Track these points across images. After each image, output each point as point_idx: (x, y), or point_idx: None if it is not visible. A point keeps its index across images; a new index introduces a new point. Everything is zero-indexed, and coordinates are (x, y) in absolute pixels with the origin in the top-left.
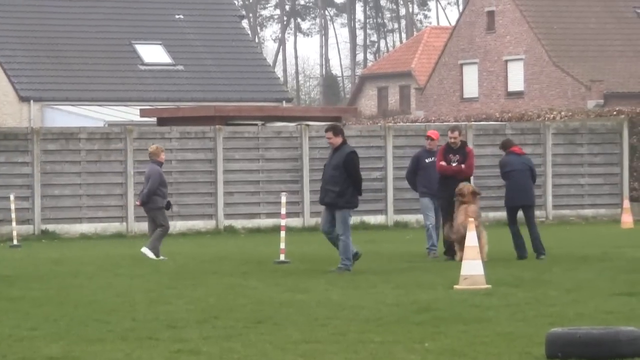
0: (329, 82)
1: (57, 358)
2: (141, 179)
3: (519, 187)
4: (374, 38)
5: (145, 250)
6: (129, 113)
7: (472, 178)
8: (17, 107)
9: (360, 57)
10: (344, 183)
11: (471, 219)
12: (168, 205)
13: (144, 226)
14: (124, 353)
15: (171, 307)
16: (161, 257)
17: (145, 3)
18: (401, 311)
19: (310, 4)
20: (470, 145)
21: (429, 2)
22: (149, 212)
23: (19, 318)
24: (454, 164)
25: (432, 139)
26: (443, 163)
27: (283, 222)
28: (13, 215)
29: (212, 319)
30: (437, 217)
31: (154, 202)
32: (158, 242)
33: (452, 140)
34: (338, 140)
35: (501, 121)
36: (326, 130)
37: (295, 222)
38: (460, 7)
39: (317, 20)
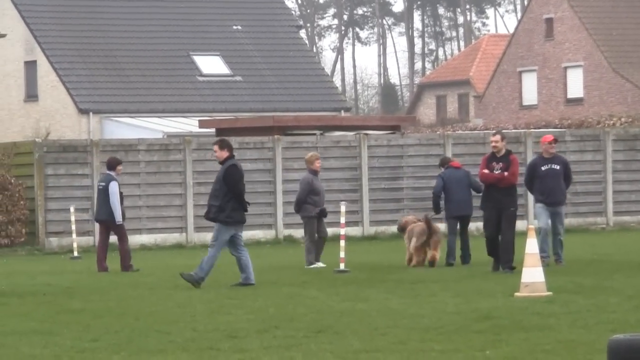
0: (387, 91)
1: None
2: (200, 189)
3: (458, 200)
4: (432, 46)
5: (309, 266)
6: (188, 124)
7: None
8: (76, 119)
9: (418, 65)
10: (224, 197)
11: (531, 226)
12: (322, 213)
13: (203, 237)
14: None
15: (231, 318)
16: (318, 265)
17: (203, 15)
18: (461, 319)
19: (368, 14)
20: (530, 153)
21: (487, 10)
22: (303, 220)
23: (80, 330)
24: (496, 172)
25: (548, 143)
26: (486, 171)
27: (342, 231)
28: (73, 227)
29: (273, 328)
30: (554, 223)
31: (305, 210)
32: (308, 253)
33: (493, 145)
34: (223, 154)
35: (561, 128)
36: (213, 144)
37: (354, 231)
38: (519, 15)
39: (375, 29)
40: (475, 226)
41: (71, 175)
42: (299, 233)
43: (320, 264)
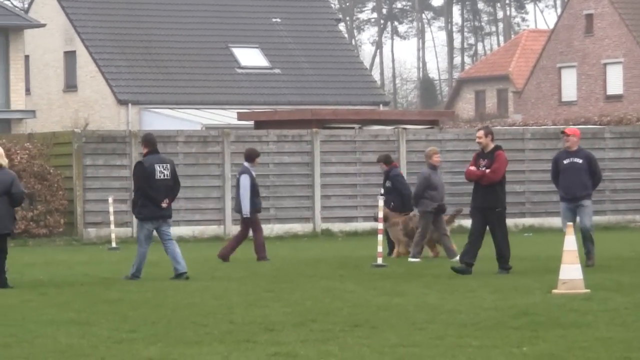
0: (426, 86)
1: None
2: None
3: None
4: (472, 41)
5: (412, 259)
6: (226, 116)
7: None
8: (115, 110)
9: (457, 60)
10: (135, 193)
11: (569, 223)
12: (441, 209)
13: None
14: (221, 356)
15: (268, 310)
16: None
17: (242, 7)
18: (499, 315)
19: (408, 7)
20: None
21: (526, 5)
22: (419, 214)
23: (118, 320)
24: (481, 169)
25: (568, 135)
26: (472, 168)
27: (381, 225)
28: (111, 218)
29: (309, 322)
30: (581, 219)
31: (422, 205)
32: (415, 246)
33: (477, 141)
34: (144, 150)
35: (600, 125)
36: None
37: None
38: (558, 10)
39: (415, 23)
40: (514, 222)
41: (110, 166)
42: (336, 227)
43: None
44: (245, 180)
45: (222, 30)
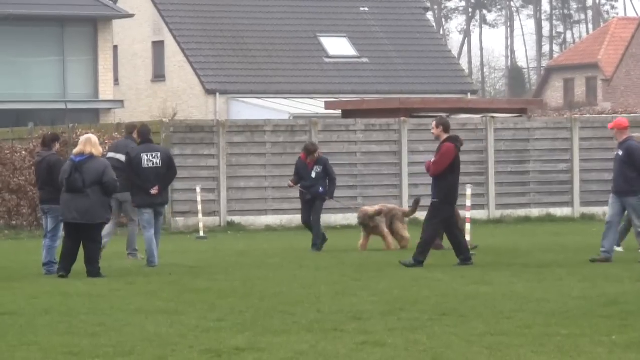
0: (515, 74)
1: (243, 349)
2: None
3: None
4: (560, 29)
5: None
6: (314, 105)
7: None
8: (203, 100)
9: (546, 48)
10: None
11: None
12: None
13: (327, 218)
14: (309, 345)
15: (356, 299)
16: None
17: None
18: (588, 304)
19: None
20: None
21: None
22: None
23: (205, 309)
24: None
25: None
26: (431, 159)
27: (468, 214)
28: (199, 207)
29: (397, 311)
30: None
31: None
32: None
33: (432, 132)
34: (138, 141)
35: None
36: None
37: (480, 214)
38: None
39: (503, 11)
40: (602, 211)
41: (198, 155)
42: (423, 216)
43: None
44: None
45: (310, 19)
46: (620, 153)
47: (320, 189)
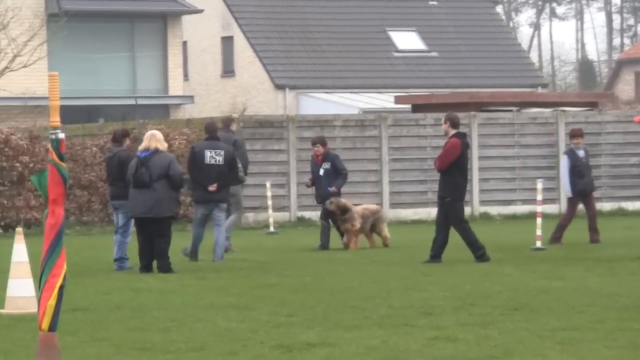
0: (585, 67)
1: (314, 344)
2: (396, 165)
3: None
4: (631, 22)
5: None
6: (383, 100)
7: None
8: (272, 95)
9: (616, 41)
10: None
11: None
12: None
13: (397, 213)
14: (380, 340)
15: (427, 294)
16: None
17: None
18: None
19: None
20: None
21: None
22: None
23: (276, 305)
24: None
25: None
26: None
27: (539, 208)
28: (269, 203)
29: (468, 305)
30: None
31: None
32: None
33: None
34: (205, 136)
35: None
36: None
37: (551, 208)
38: None
39: (573, 4)
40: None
41: (267, 150)
42: (494, 210)
43: None
44: (564, 161)
45: (379, 13)
46: None
47: (329, 188)
